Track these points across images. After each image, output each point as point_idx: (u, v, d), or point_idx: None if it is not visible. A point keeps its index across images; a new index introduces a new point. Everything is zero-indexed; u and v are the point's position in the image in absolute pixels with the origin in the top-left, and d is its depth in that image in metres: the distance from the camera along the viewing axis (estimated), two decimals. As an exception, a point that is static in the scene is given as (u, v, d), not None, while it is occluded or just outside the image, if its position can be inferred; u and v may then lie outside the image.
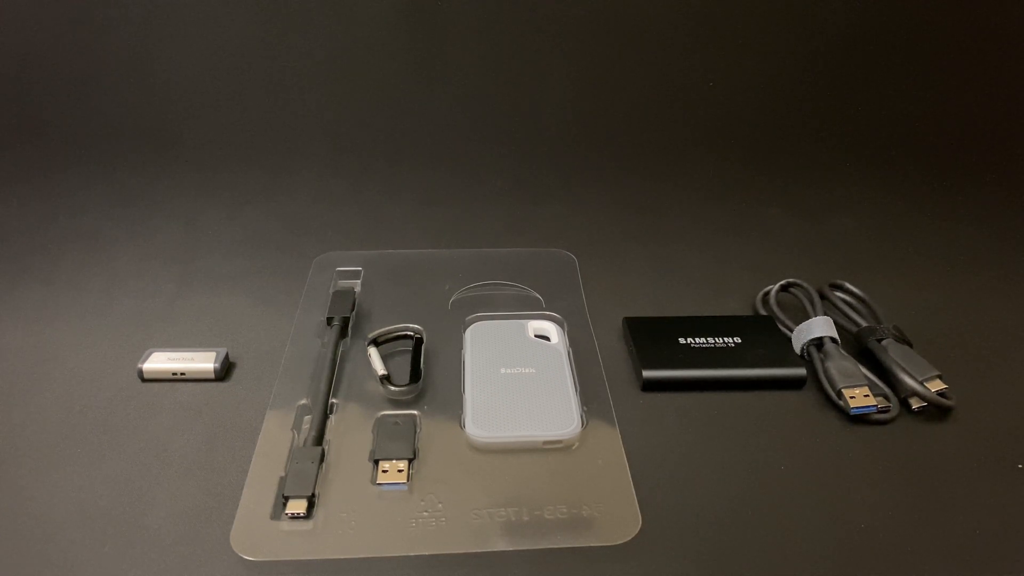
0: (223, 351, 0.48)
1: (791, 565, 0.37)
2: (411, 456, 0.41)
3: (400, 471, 0.40)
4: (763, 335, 0.49)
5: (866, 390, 0.45)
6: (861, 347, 0.49)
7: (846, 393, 0.45)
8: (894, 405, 0.45)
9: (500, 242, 0.62)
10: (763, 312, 0.54)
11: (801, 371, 0.47)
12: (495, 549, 0.37)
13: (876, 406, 0.44)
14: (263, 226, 0.63)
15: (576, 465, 0.41)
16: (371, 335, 0.49)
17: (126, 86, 0.70)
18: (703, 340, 0.49)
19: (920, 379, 0.45)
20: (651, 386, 0.47)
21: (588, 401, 0.45)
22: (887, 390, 0.46)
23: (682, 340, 0.49)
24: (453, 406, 0.45)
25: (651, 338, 0.49)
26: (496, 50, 0.71)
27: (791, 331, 0.50)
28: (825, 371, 0.47)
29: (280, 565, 0.36)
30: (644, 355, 0.48)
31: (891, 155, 0.73)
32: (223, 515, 0.38)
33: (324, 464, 0.41)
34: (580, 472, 0.41)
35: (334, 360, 0.47)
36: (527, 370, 0.46)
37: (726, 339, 0.49)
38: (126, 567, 0.36)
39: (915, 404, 0.45)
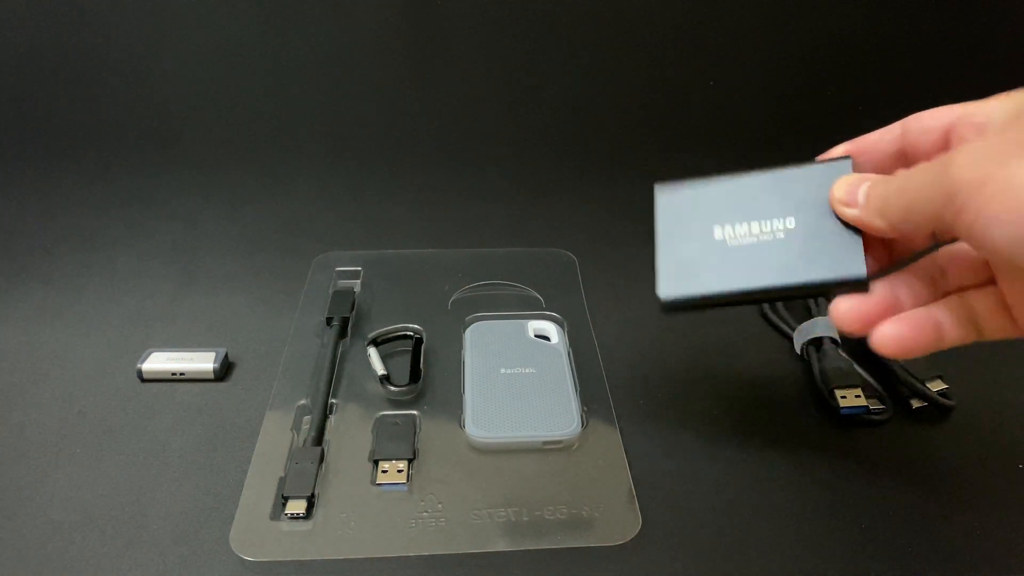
0: (222, 351, 0.48)
1: (791, 566, 0.37)
2: (411, 456, 0.41)
3: (400, 471, 0.40)
4: (826, 213, 0.35)
5: (858, 391, 0.45)
6: (863, 347, 0.49)
7: (837, 393, 0.45)
8: (888, 407, 0.45)
9: (500, 242, 0.62)
10: (770, 316, 0.53)
11: (860, 272, 0.34)
12: (495, 549, 0.37)
13: (867, 407, 0.44)
14: (263, 226, 0.63)
15: (576, 465, 0.41)
16: (371, 335, 0.49)
17: (126, 86, 0.70)
18: (745, 228, 0.37)
19: (920, 379, 0.45)
20: (673, 310, 0.38)
21: (588, 401, 0.45)
22: (882, 392, 0.46)
23: (719, 233, 0.37)
24: (453, 406, 0.45)
25: (681, 232, 0.39)
26: (496, 50, 0.71)
27: (792, 330, 0.50)
28: (820, 371, 0.47)
29: (279, 565, 0.36)
30: (665, 266, 0.38)
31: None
32: (223, 515, 0.38)
33: (324, 464, 0.41)
34: (580, 472, 0.41)
35: (333, 360, 0.47)
36: (527, 370, 0.46)
37: (775, 223, 0.36)
38: (126, 567, 0.36)
39: (915, 404, 0.45)
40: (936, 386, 0.45)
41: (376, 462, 0.41)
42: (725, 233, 0.37)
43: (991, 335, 0.33)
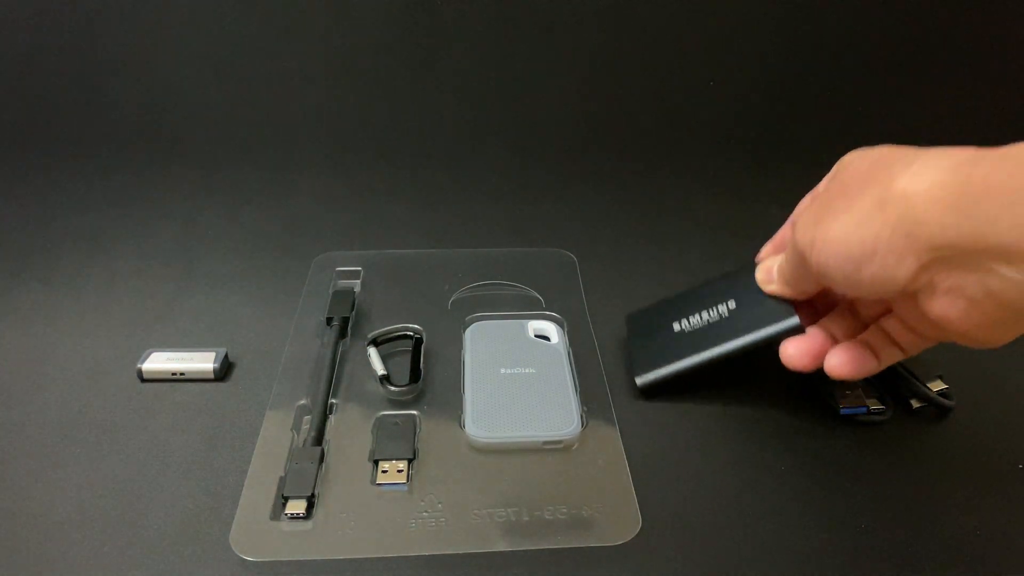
0: (222, 351, 0.48)
1: (791, 565, 0.37)
2: (411, 456, 0.41)
3: (400, 471, 0.40)
4: (757, 290, 0.44)
5: (858, 391, 0.45)
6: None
7: (837, 393, 0.45)
8: (889, 407, 0.45)
9: (500, 242, 0.62)
10: None
11: (794, 320, 0.41)
12: (495, 549, 0.37)
13: (867, 407, 0.44)
14: (263, 226, 0.63)
15: (576, 465, 0.41)
16: (371, 335, 0.49)
17: (126, 86, 0.70)
18: (696, 318, 0.46)
19: (920, 379, 0.45)
20: (650, 392, 0.46)
21: (588, 401, 0.45)
22: (882, 392, 0.46)
23: (676, 327, 0.47)
24: (453, 406, 0.45)
25: (647, 335, 0.48)
26: (496, 50, 0.71)
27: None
28: (819, 371, 0.46)
29: (280, 565, 0.36)
30: (636, 361, 0.47)
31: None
32: (223, 515, 0.38)
33: (324, 464, 0.41)
34: (580, 472, 0.41)
35: (333, 360, 0.47)
36: (527, 370, 0.46)
37: (719, 308, 0.45)
38: (126, 567, 0.36)
39: (915, 404, 0.45)
40: (936, 386, 0.45)
41: (376, 462, 0.41)
42: (682, 325, 0.47)
43: (911, 350, 0.38)
